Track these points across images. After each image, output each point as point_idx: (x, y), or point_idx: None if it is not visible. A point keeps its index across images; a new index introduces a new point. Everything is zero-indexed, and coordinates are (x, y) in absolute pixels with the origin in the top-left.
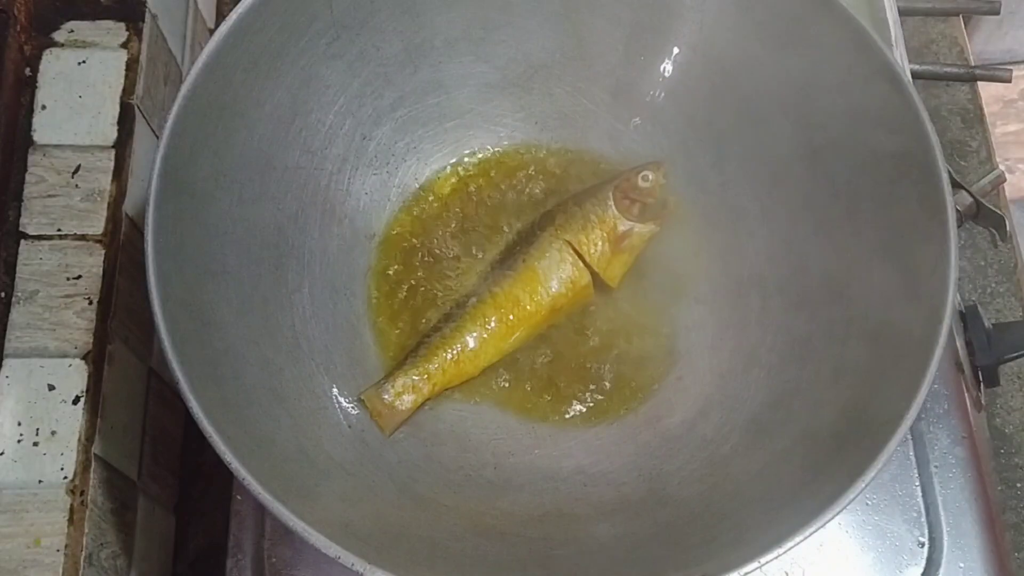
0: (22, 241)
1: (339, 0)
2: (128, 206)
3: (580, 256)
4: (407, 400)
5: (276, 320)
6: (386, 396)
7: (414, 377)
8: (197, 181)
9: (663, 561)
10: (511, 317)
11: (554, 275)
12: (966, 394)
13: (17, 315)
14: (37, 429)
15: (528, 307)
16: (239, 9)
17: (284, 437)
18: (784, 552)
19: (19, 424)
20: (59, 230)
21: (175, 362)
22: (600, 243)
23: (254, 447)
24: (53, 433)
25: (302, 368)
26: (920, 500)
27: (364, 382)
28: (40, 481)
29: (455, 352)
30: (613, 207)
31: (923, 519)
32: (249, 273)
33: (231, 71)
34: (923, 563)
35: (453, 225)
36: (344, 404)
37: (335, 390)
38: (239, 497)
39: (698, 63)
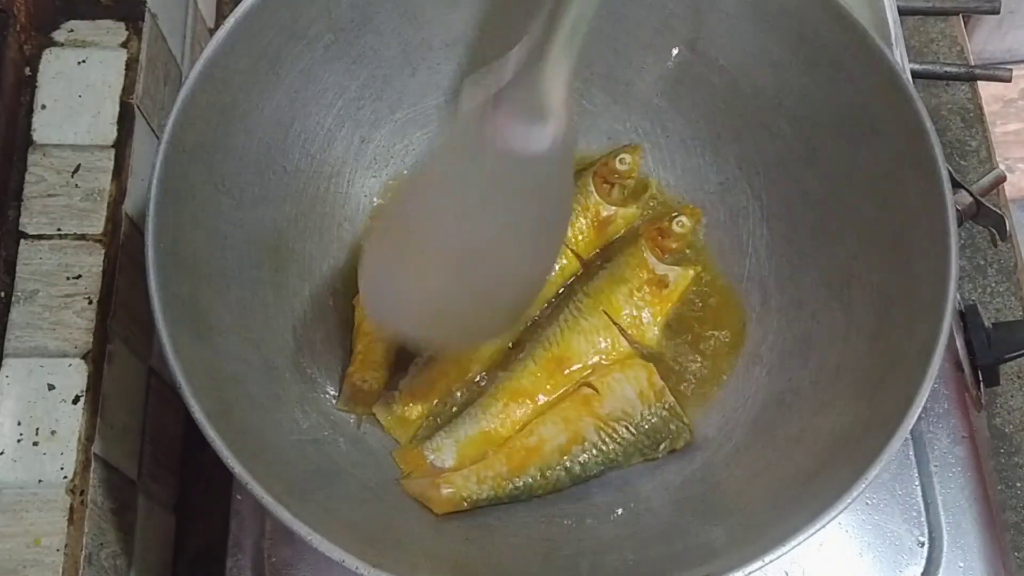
0: (22, 241)
1: (337, 2)
2: (128, 206)
3: (567, 244)
4: (415, 409)
5: (277, 323)
6: (394, 407)
7: (417, 384)
8: (197, 184)
9: (666, 561)
10: None
11: None
12: (966, 394)
13: (17, 315)
14: (37, 429)
15: None
16: (237, 12)
17: (287, 441)
18: (787, 551)
19: (19, 424)
20: (59, 230)
21: (176, 365)
22: (585, 230)
23: (257, 451)
24: (53, 433)
25: (304, 372)
26: (920, 500)
27: None
28: (40, 481)
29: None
30: (595, 193)
31: (923, 519)
32: (249, 276)
33: (230, 74)
34: (923, 563)
35: None
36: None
37: (337, 393)
38: (239, 497)
39: (697, 63)
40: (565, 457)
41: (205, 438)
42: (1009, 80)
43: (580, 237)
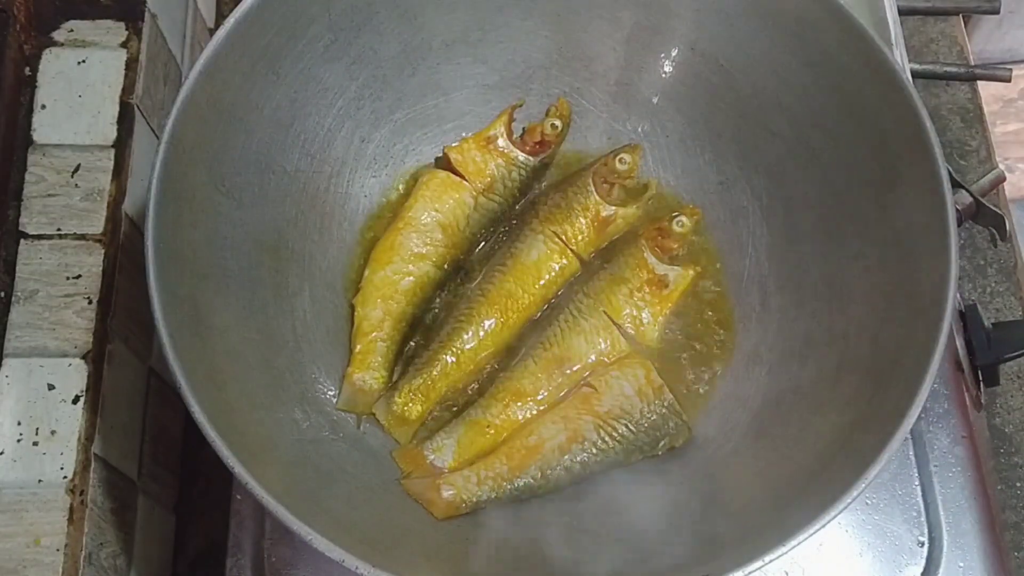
0: (22, 241)
1: (337, 3)
2: (128, 206)
3: (567, 244)
4: (415, 409)
5: (277, 323)
6: (394, 407)
7: (417, 384)
8: (197, 185)
9: (666, 561)
10: (506, 311)
11: (544, 266)
12: (966, 394)
13: (17, 315)
14: (37, 429)
15: (521, 300)
16: (237, 12)
17: (286, 441)
18: (787, 551)
19: (19, 424)
20: (59, 230)
21: (176, 365)
22: (585, 230)
23: (257, 451)
24: (53, 433)
25: (304, 371)
26: (920, 500)
27: None
28: (40, 481)
29: (455, 353)
30: (595, 193)
31: (923, 519)
32: (249, 276)
33: (230, 74)
34: (923, 563)
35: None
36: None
37: (337, 393)
38: (239, 497)
39: (697, 63)
40: (565, 456)
41: (205, 438)
42: (1009, 80)
43: (580, 237)
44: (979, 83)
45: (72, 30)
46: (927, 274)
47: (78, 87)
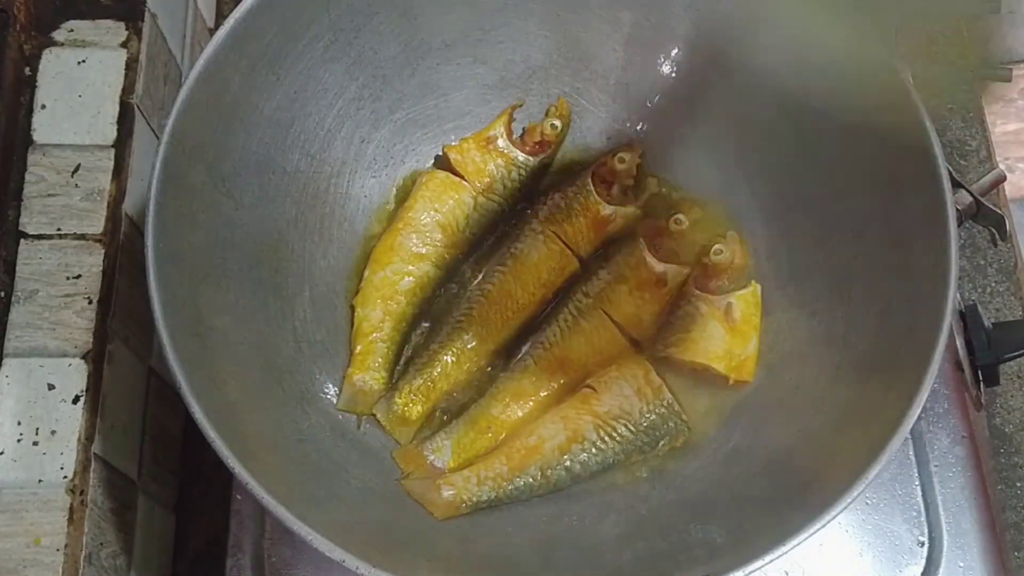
0: (22, 240)
1: (337, 3)
2: (128, 206)
3: (567, 244)
4: (415, 409)
5: (277, 323)
6: (394, 408)
7: (418, 385)
8: (197, 185)
9: (666, 561)
10: (506, 311)
11: (543, 266)
12: (966, 393)
13: (17, 315)
14: (37, 429)
15: (522, 299)
16: (237, 13)
17: (287, 441)
18: (787, 551)
19: (19, 424)
20: (59, 229)
21: (176, 365)
22: (585, 230)
23: (257, 451)
24: (53, 433)
25: (304, 372)
26: (920, 499)
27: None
28: (40, 481)
29: (455, 353)
30: (594, 192)
31: (923, 518)
32: (249, 277)
33: (230, 74)
34: (923, 563)
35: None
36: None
37: (337, 393)
38: (239, 497)
39: (697, 63)
40: (565, 456)
41: (205, 438)
42: (1009, 80)
43: (580, 237)
44: None
45: (72, 30)
46: (927, 274)
47: (78, 87)
